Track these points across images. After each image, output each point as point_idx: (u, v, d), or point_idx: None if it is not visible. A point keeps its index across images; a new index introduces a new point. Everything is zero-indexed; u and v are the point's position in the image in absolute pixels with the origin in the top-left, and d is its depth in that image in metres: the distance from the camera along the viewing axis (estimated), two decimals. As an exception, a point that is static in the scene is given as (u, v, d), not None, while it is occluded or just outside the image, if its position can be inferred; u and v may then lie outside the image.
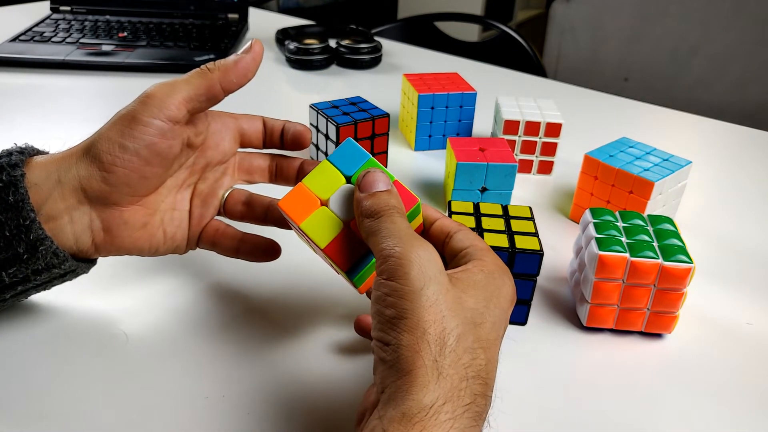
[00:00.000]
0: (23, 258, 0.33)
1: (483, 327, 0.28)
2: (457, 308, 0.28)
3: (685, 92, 1.96)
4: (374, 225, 0.30)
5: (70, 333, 0.38)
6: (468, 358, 0.27)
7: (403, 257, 0.28)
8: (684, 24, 1.91)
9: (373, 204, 0.31)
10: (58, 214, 0.34)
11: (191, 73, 0.36)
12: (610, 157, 0.51)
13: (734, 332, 0.42)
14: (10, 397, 0.34)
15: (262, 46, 0.37)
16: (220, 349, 0.38)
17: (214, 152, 0.39)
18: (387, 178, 0.32)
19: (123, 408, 0.34)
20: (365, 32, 1.03)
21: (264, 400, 0.34)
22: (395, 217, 0.30)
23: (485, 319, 0.28)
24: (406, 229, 0.30)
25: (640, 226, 0.41)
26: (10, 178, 0.33)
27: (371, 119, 0.58)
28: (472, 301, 0.29)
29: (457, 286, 0.29)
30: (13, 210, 0.33)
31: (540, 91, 0.88)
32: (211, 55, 0.89)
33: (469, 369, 0.27)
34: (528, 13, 2.94)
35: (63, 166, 0.35)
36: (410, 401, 0.25)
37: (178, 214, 0.39)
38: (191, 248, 0.41)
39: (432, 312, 0.27)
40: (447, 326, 0.27)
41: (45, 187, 0.34)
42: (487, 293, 0.29)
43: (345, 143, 0.34)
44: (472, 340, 0.27)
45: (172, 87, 0.35)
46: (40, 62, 0.85)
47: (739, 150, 0.72)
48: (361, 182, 0.32)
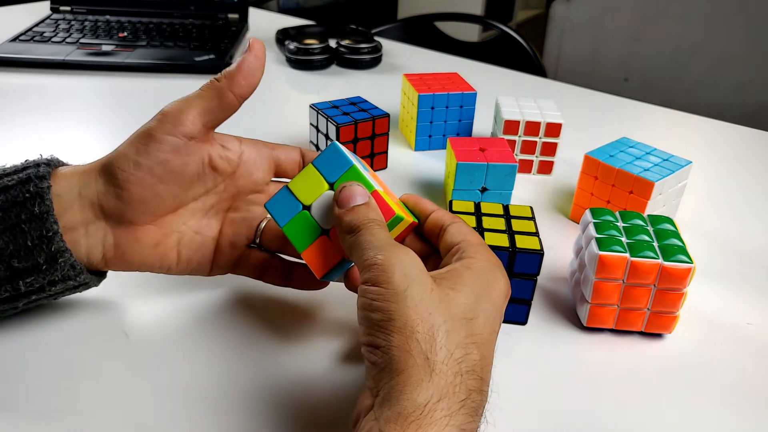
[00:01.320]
0: (42, 268, 0.34)
1: (475, 322, 0.28)
2: (444, 305, 0.28)
3: (685, 92, 1.96)
4: (355, 240, 0.30)
5: (70, 333, 0.38)
6: (460, 353, 0.27)
7: (385, 263, 0.28)
8: (684, 24, 1.91)
9: (352, 219, 0.31)
10: (75, 226, 0.35)
11: (203, 87, 0.36)
12: (610, 157, 0.51)
13: (734, 332, 0.42)
14: (10, 396, 0.34)
15: (262, 43, 0.37)
16: (220, 349, 0.38)
17: (246, 181, 0.39)
18: (364, 191, 0.32)
19: (123, 408, 0.34)
20: (365, 32, 1.03)
21: (264, 400, 0.34)
22: (374, 229, 0.30)
23: (477, 315, 0.28)
24: (386, 239, 0.30)
25: (640, 226, 0.41)
26: (37, 189, 0.34)
27: (371, 119, 0.58)
28: (461, 297, 0.29)
29: (444, 285, 0.29)
30: (38, 221, 0.33)
31: (540, 91, 0.88)
32: (211, 55, 0.89)
33: (463, 364, 0.27)
34: (528, 13, 2.94)
35: (84, 180, 0.35)
36: (405, 401, 0.25)
37: (199, 238, 0.38)
38: (221, 273, 0.40)
39: (418, 311, 0.27)
40: (434, 323, 0.27)
41: (66, 198, 0.35)
42: (477, 289, 0.29)
43: (329, 147, 0.34)
44: (464, 335, 0.27)
45: (186, 102, 0.35)
46: (40, 62, 0.85)
47: (739, 150, 0.72)
48: (339, 198, 0.32)
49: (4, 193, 0.34)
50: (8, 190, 0.34)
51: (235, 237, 0.39)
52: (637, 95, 0.87)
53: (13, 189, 0.34)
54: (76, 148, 0.64)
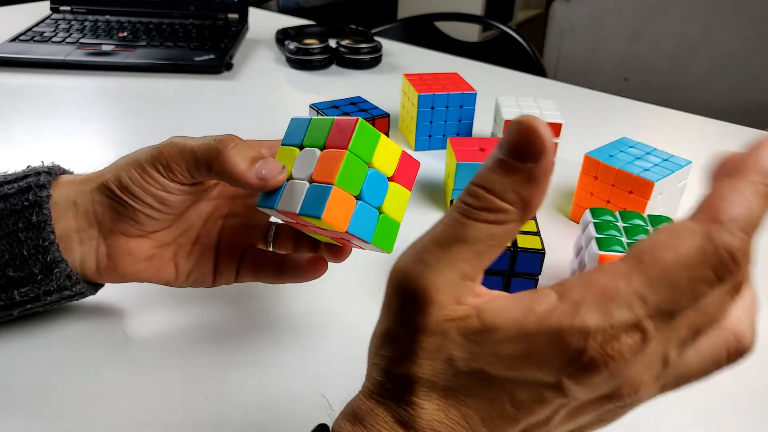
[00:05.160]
0: (37, 279, 0.34)
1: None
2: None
3: (685, 92, 1.96)
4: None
5: (70, 334, 0.38)
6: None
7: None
8: (684, 24, 1.91)
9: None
10: (70, 234, 0.35)
11: (209, 144, 0.33)
12: (610, 157, 0.51)
13: (734, 332, 0.42)
14: (10, 397, 0.34)
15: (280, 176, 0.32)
16: (220, 350, 0.38)
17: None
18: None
19: (123, 408, 0.34)
20: (365, 32, 1.03)
21: (263, 400, 0.34)
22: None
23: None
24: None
25: (640, 226, 0.41)
26: (36, 198, 0.34)
27: (371, 119, 0.58)
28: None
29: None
30: (34, 230, 0.33)
31: (540, 91, 0.88)
32: (211, 55, 0.89)
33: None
34: (528, 13, 2.95)
35: (80, 189, 0.35)
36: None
37: (198, 248, 0.38)
38: (226, 282, 0.39)
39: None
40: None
41: (62, 205, 0.35)
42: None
43: (290, 123, 0.33)
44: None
45: (181, 151, 0.33)
46: (40, 62, 0.85)
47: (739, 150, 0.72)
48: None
49: (4, 201, 0.34)
50: (8, 198, 0.34)
51: (236, 239, 0.38)
52: (637, 95, 0.87)
53: (12, 197, 0.34)
54: (76, 148, 0.64)
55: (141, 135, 0.68)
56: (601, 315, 0.18)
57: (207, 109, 0.76)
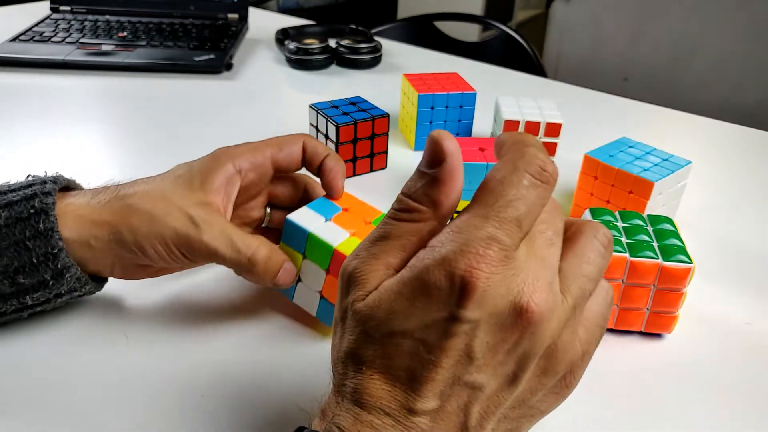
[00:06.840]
0: (49, 284, 0.35)
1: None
2: None
3: (685, 92, 1.96)
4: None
5: (70, 334, 0.38)
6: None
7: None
8: (684, 24, 1.91)
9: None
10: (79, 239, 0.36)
11: (240, 260, 0.36)
12: (610, 157, 0.51)
13: (734, 332, 0.42)
14: (10, 397, 0.34)
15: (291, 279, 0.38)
16: (218, 348, 0.38)
17: (243, 197, 0.40)
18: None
19: (122, 407, 0.34)
20: (365, 32, 1.03)
21: (262, 400, 0.34)
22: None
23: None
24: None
25: (639, 226, 0.41)
26: (42, 205, 0.34)
27: (371, 119, 0.58)
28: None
29: None
30: (42, 237, 0.34)
31: (540, 91, 0.88)
32: (211, 55, 0.89)
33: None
34: (528, 13, 2.94)
35: (93, 233, 0.35)
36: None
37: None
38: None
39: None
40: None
41: (76, 243, 0.35)
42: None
43: (285, 223, 0.38)
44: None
45: (211, 254, 0.36)
46: (40, 62, 0.85)
47: (739, 150, 0.72)
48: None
49: (9, 208, 0.34)
50: (13, 205, 0.34)
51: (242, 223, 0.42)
52: (637, 95, 0.87)
53: (17, 204, 0.34)
54: (76, 148, 0.64)
55: (141, 135, 0.68)
56: (455, 244, 0.22)
57: (207, 109, 0.76)
